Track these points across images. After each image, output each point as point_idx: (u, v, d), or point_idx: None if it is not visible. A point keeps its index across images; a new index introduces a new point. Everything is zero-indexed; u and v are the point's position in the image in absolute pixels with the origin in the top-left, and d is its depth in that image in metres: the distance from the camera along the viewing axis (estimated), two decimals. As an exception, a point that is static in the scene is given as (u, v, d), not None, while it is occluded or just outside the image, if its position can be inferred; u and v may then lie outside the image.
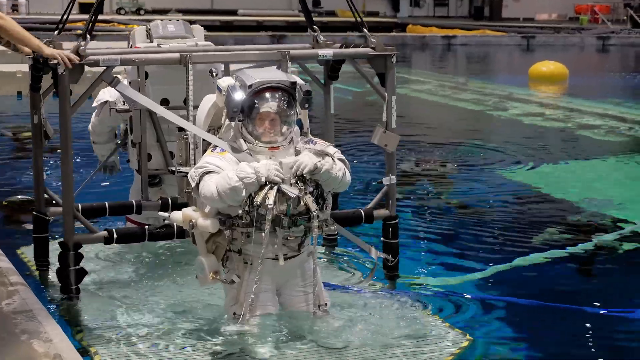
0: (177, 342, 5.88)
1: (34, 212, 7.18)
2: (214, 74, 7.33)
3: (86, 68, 6.40)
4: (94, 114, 7.84)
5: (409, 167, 12.16)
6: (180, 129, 6.61)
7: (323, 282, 6.23)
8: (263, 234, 5.73)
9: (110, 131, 7.98)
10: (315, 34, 7.36)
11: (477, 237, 8.86)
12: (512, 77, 26.95)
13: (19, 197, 9.33)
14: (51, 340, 5.42)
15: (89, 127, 7.95)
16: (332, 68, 7.29)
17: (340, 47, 7.21)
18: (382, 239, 7.29)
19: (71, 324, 6.22)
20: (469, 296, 6.94)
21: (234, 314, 5.94)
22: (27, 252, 7.64)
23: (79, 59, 6.28)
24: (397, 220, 7.26)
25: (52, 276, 6.95)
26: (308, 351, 5.70)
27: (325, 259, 7.61)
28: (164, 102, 7.35)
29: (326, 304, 6.14)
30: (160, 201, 7.26)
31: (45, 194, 7.19)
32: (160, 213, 6.33)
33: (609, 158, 13.68)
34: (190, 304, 6.49)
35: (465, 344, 5.99)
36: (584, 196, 10.71)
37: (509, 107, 19.75)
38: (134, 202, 7.32)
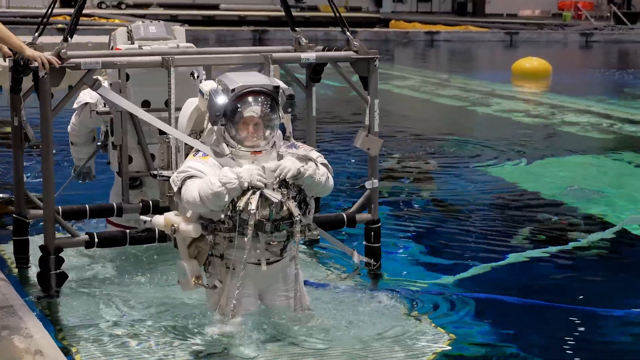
0: (158, 340, 5.84)
1: (14, 215, 7.14)
2: (195, 76, 7.30)
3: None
4: (74, 114, 7.78)
5: (390, 164, 12.11)
6: (162, 132, 6.58)
7: (305, 280, 6.21)
8: (245, 239, 5.70)
9: (90, 132, 7.93)
10: (298, 35, 7.33)
11: (459, 235, 8.84)
12: (495, 74, 26.96)
13: (1, 195, 9.20)
14: (32, 336, 5.38)
15: (68, 128, 7.89)
16: (314, 70, 7.26)
17: (323, 49, 7.18)
18: (364, 242, 7.28)
19: (52, 321, 6.17)
20: (450, 294, 6.93)
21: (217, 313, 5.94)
22: (7, 250, 7.58)
23: (60, 62, 6.23)
24: (380, 224, 7.25)
25: (32, 274, 6.89)
26: (290, 351, 5.68)
27: (307, 255, 7.58)
28: (145, 104, 7.31)
29: (309, 309, 6.13)
30: (141, 204, 7.22)
31: (26, 197, 7.14)
32: (142, 217, 6.29)
33: (592, 155, 13.68)
34: (172, 301, 6.43)
35: (447, 342, 5.98)
36: (567, 193, 10.70)
37: (492, 104, 19.74)
38: (114, 204, 7.27)
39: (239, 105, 5.93)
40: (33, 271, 6.91)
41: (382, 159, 10.71)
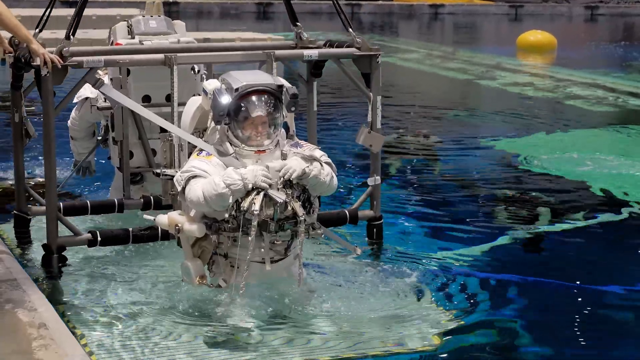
0: (161, 321, 5.77)
1: (15, 212, 7.12)
2: (196, 71, 7.26)
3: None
4: (74, 109, 7.74)
5: (394, 138, 12.02)
6: (165, 129, 6.56)
7: (305, 263, 6.18)
8: (249, 239, 5.69)
9: (90, 127, 7.90)
10: (299, 30, 7.28)
11: (462, 210, 8.79)
12: (500, 47, 26.90)
13: (9, 181, 9.09)
14: (36, 309, 5.35)
15: (68, 122, 7.85)
16: (315, 65, 7.20)
17: (325, 44, 7.13)
18: (366, 239, 7.26)
19: (53, 302, 6.03)
20: (454, 273, 6.86)
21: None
22: (7, 229, 7.54)
23: (62, 61, 6.18)
24: (382, 220, 7.23)
25: (33, 252, 6.88)
26: (291, 331, 5.64)
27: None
28: (146, 99, 7.29)
29: (311, 290, 6.12)
30: (142, 199, 7.20)
31: (27, 193, 7.13)
32: (146, 216, 6.27)
33: (597, 128, 13.63)
34: (175, 282, 6.33)
35: (449, 321, 5.93)
36: (571, 166, 10.64)
37: (497, 77, 19.67)
38: (115, 200, 7.25)
39: (242, 105, 5.90)
40: (35, 252, 6.87)
41: (386, 132, 10.68)
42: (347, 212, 7.14)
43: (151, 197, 7.16)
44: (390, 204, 8.52)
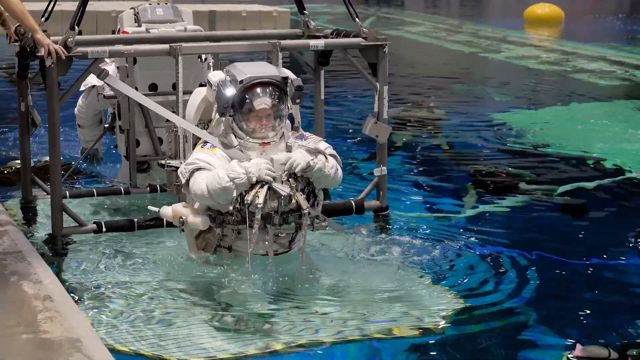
0: (166, 301, 5.73)
1: (22, 200, 7.14)
2: (203, 59, 7.26)
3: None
4: (81, 97, 7.73)
5: (397, 111, 11.94)
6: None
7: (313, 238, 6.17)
8: (253, 232, 5.69)
9: (97, 115, 7.89)
10: (306, 18, 7.25)
11: (466, 183, 8.74)
12: (507, 20, 26.76)
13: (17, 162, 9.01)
14: (41, 281, 5.35)
15: (75, 110, 7.84)
16: (323, 54, 7.17)
17: (332, 33, 7.10)
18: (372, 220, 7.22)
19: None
20: (460, 249, 6.80)
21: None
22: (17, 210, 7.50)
23: (66, 52, 6.16)
24: (388, 211, 7.22)
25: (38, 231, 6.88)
26: (297, 312, 5.63)
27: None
28: (153, 87, 7.28)
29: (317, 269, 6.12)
30: (148, 187, 7.21)
31: (33, 182, 7.14)
32: (150, 207, 6.27)
33: (604, 102, 13.54)
34: (182, 261, 6.28)
35: (453, 300, 5.89)
36: (577, 140, 10.60)
37: (504, 50, 19.58)
38: (122, 188, 7.26)
39: (247, 97, 5.89)
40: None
41: (392, 106, 10.65)
42: (353, 202, 7.13)
43: (158, 186, 7.16)
44: (394, 176, 8.49)
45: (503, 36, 21.92)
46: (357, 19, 6.83)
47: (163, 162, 6.40)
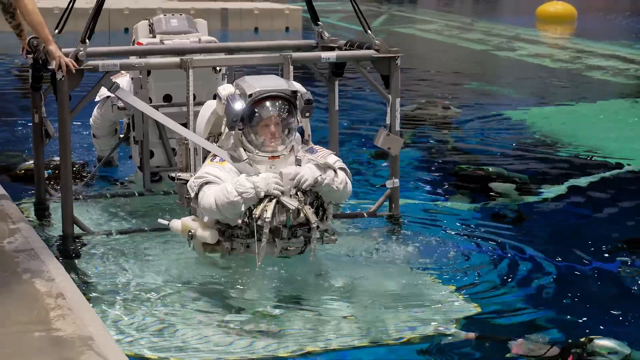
0: (175, 303, 5.71)
1: (35, 203, 7.16)
2: (217, 70, 7.26)
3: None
4: (96, 107, 7.76)
5: (411, 108, 11.91)
6: (184, 125, 6.57)
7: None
8: (262, 245, 5.68)
9: (112, 126, 7.91)
10: (320, 29, 7.23)
11: (479, 181, 8.70)
12: (519, 18, 26.68)
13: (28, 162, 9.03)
14: (54, 279, 5.35)
15: (90, 120, 7.88)
16: (337, 65, 7.14)
17: (345, 44, 7.07)
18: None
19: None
20: (468, 250, 6.76)
21: None
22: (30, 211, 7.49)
23: (77, 65, 6.17)
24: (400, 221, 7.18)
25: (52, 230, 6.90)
26: (306, 316, 5.59)
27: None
28: (167, 98, 7.30)
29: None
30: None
31: (46, 191, 7.18)
32: (160, 220, 6.28)
33: (617, 99, 13.44)
34: (191, 264, 6.27)
35: (470, 311, 5.78)
36: (590, 138, 10.51)
37: (516, 48, 19.52)
38: (135, 192, 7.30)
39: (256, 110, 5.90)
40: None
41: (404, 103, 10.55)
42: (365, 214, 7.09)
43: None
44: (407, 173, 8.47)
45: (515, 34, 21.87)
46: (369, 31, 6.78)
47: (173, 174, 6.38)
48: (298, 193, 5.77)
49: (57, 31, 6.73)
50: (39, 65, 6.58)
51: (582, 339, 5.24)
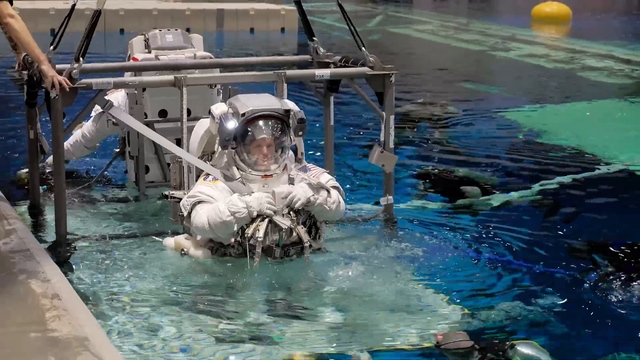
0: (168, 309, 5.59)
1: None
2: (213, 85, 7.26)
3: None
4: (91, 120, 7.68)
5: (409, 108, 11.86)
6: (177, 142, 6.59)
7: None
8: (254, 265, 5.70)
9: (104, 138, 7.89)
10: (315, 45, 7.22)
11: (473, 179, 8.64)
12: (514, 18, 26.66)
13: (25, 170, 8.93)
14: (49, 280, 5.32)
15: (80, 131, 7.75)
16: (332, 80, 7.13)
17: (340, 60, 7.06)
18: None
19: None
20: (466, 255, 6.64)
21: None
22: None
23: (70, 84, 6.16)
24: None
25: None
26: (300, 325, 5.51)
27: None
28: (162, 114, 7.30)
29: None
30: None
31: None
32: (155, 237, 6.30)
33: (612, 100, 13.39)
34: (185, 268, 6.17)
35: (459, 316, 5.67)
36: (585, 138, 10.44)
37: (512, 48, 19.48)
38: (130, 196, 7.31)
39: (249, 129, 5.92)
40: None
41: (400, 104, 10.50)
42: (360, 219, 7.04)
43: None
44: (403, 173, 8.47)
45: (511, 34, 21.83)
46: (363, 48, 6.78)
47: (166, 192, 6.39)
48: (291, 212, 5.79)
49: (52, 48, 6.71)
50: (33, 82, 6.58)
51: (507, 343, 5.14)
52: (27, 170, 7.56)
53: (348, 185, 7.89)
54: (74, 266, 6.19)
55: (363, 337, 5.36)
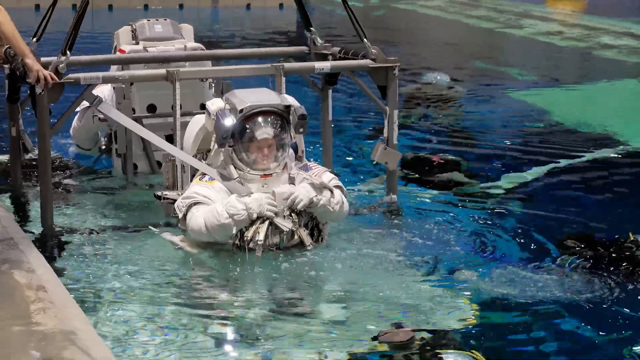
0: (162, 305, 5.30)
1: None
2: (204, 79, 6.96)
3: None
4: (76, 118, 7.35)
5: (413, 88, 11.53)
6: (169, 139, 6.29)
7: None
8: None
9: (94, 136, 7.54)
10: (313, 35, 6.91)
11: (482, 162, 8.41)
12: None
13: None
14: (34, 271, 5.05)
15: (71, 131, 7.49)
16: (330, 73, 6.83)
17: (340, 52, 6.76)
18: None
19: None
20: (469, 249, 6.32)
21: None
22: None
23: (57, 79, 5.82)
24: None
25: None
26: (298, 323, 5.22)
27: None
28: (151, 108, 7.02)
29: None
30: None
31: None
32: (151, 227, 6.01)
33: (629, 79, 13.10)
34: (179, 262, 5.90)
35: (466, 312, 5.40)
36: (600, 119, 10.16)
37: (525, 25, 19.15)
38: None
39: (247, 127, 5.65)
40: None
41: (403, 85, 10.13)
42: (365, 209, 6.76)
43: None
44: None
45: (524, 10, 21.48)
46: (365, 39, 6.47)
47: (159, 193, 6.07)
48: (292, 214, 5.56)
49: (34, 40, 6.39)
50: (16, 77, 6.23)
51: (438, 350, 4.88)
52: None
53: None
54: (59, 257, 5.88)
55: (368, 333, 5.08)
